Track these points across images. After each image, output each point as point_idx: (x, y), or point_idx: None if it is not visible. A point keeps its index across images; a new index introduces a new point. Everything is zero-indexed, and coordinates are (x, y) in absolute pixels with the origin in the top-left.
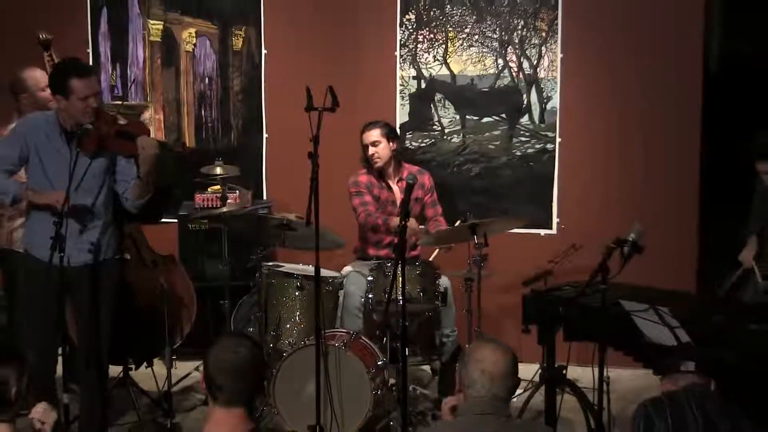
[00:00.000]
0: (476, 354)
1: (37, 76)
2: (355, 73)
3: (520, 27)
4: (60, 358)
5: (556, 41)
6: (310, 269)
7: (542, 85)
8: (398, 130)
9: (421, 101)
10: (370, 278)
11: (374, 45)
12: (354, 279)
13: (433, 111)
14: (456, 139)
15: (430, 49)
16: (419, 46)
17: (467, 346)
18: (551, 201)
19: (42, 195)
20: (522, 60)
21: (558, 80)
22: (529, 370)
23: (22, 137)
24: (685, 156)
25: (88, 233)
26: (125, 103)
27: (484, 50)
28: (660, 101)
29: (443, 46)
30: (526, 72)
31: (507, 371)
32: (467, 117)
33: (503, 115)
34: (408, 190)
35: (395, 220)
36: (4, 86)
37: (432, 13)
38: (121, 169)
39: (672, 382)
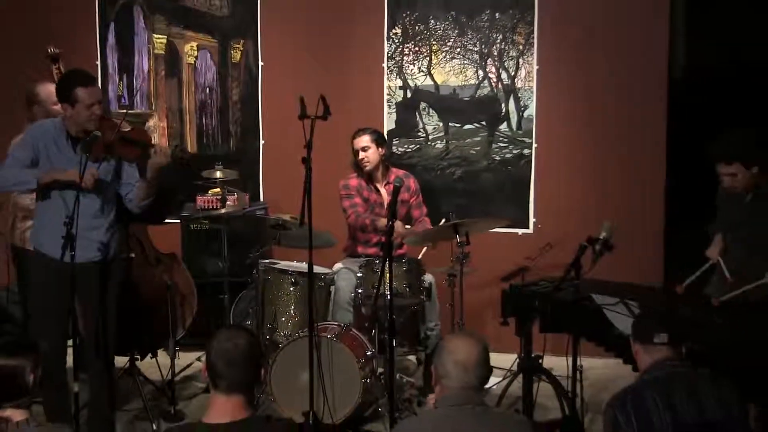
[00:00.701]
0: (449, 347)
1: (50, 90)
2: (346, 83)
3: (498, 41)
4: (71, 349)
5: (532, 54)
6: (303, 266)
7: (519, 95)
8: (386, 137)
9: (407, 109)
10: (359, 274)
11: (363, 57)
12: (344, 275)
13: (418, 119)
14: (439, 145)
15: (416, 61)
16: (405, 58)
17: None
18: (528, 202)
19: (63, 173)
20: (501, 71)
21: (534, 90)
22: (507, 360)
23: (34, 141)
24: (651, 159)
25: (94, 232)
26: (131, 111)
27: (465, 62)
28: (628, 108)
29: (427, 58)
30: (505, 82)
31: (479, 361)
32: (450, 124)
33: (483, 123)
34: (395, 192)
35: (382, 221)
36: (18, 96)
37: (417, 27)
38: (125, 173)
39: (648, 354)
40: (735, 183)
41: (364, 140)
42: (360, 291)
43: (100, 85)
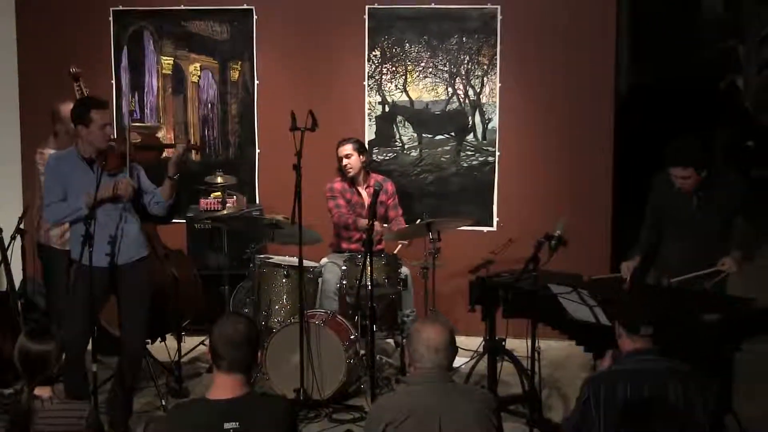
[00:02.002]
0: (420, 333)
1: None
2: (331, 99)
3: (466, 61)
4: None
5: (495, 73)
6: (294, 260)
7: (484, 109)
8: (367, 146)
9: (385, 122)
10: (344, 267)
11: (347, 76)
12: (330, 268)
13: (395, 130)
14: (414, 153)
15: (393, 80)
16: (383, 77)
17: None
18: (492, 203)
19: (104, 191)
20: (468, 88)
21: (497, 105)
22: (474, 342)
23: (57, 174)
24: (600, 165)
25: (118, 237)
26: (143, 124)
27: (436, 80)
28: (580, 119)
29: (403, 77)
30: (471, 98)
31: (447, 343)
32: (423, 135)
33: (452, 134)
34: (375, 195)
35: (362, 221)
36: (43, 111)
37: (394, 50)
38: (142, 184)
39: (630, 340)
40: (686, 185)
41: (347, 149)
42: (344, 282)
43: (114, 101)
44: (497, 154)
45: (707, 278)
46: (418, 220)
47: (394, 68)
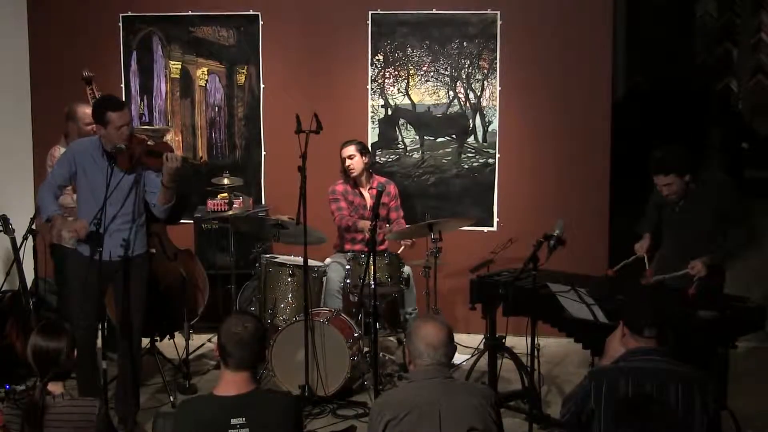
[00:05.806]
0: (420, 331)
1: (85, 111)
2: (335, 102)
3: (466, 66)
4: (100, 333)
5: (495, 77)
6: (299, 260)
7: (484, 112)
8: (369, 148)
9: (388, 125)
10: (347, 267)
11: (350, 80)
12: (335, 267)
13: (397, 133)
14: (416, 155)
15: (395, 83)
16: (386, 81)
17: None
18: (492, 204)
19: (67, 224)
20: (468, 92)
21: (497, 108)
22: (475, 340)
23: (72, 158)
24: (598, 167)
25: (123, 233)
26: (152, 127)
27: (438, 84)
28: (577, 124)
29: (405, 80)
30: (472, 101)
31: (445, 341)
32: (425, 137)
33: (453, 136)
34: (377, 196)
35: (362, 223)
36: (55, 114)
37: (396, 54)
38: (150, 183)
39: (633, 339)
40: (671, 191)
41: (350, 150)
42: (348, 281)
43: None
44: (497, 155)
45: (681, 279)
46: (420, 221)
47: (396, 72)
